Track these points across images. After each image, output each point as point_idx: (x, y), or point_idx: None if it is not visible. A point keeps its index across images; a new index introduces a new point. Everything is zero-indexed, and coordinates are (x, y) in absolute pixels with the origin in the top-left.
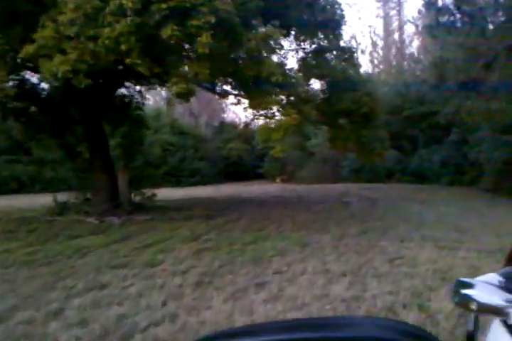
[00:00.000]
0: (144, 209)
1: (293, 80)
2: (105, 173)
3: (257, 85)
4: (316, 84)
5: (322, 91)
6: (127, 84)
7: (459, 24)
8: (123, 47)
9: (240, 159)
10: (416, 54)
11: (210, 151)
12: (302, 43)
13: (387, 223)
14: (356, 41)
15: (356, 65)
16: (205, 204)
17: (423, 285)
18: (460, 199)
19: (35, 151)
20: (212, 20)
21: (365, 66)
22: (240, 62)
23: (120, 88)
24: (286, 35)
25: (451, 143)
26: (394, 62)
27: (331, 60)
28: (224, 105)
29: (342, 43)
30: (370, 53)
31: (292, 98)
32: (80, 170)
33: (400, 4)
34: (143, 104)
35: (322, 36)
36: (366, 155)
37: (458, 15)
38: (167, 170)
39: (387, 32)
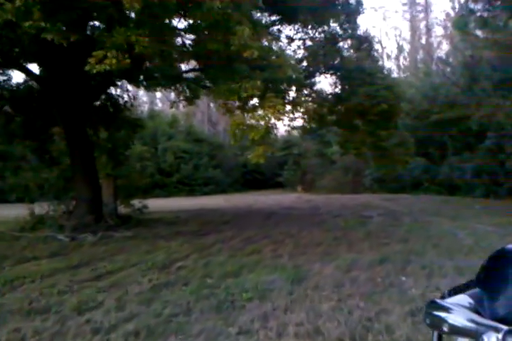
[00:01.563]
0: (132, 222)
1: (287, 64)
2: (87, 182)
3: (226, 65)
4: (327, 79)
5: (333, 85)
6: (119, 83)
7: (492, 13)
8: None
9: (259, 167)
10: (444, 57)
11: (227, 159)
12: (311, 31)
13: (411, 247)
14: (382, 45)
15: (373, 56)
16: (205, 218)
17: None
18: (498, 215)
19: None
20: None
21: (392, 71)
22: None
23: (108, 87)
24: (292, 21)
25: (486, 150)
26: (421, 66)
27: (344, 50)
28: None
29: (359, 32)
30: (397, 58)
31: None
32: (60, 179)
33: (427, 6)
34: (131, 104)
35: (335, 24)
36: (386, 161)
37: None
38: (179, 179)
39: (414, 35)
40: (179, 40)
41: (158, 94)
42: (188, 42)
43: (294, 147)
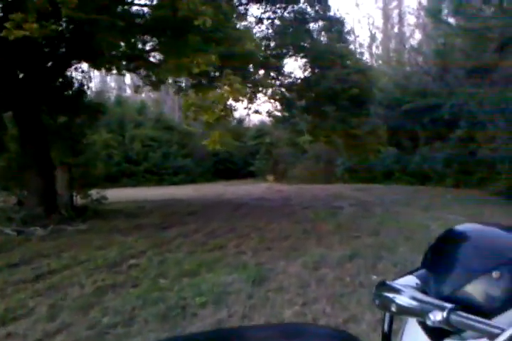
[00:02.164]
0: (88, 214)
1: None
2: (39, 171)
3: (176, 36)
4: (296, 63)
5: (303, 67)
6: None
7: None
8: None
9: (231, 156)
10: (417, 46)
11: (198, 148)
12: (279, 10)
13: (382, 241)
14: (354, 34)
15: (345, 39)
16: (170, 208)
17: None
18: (469, 205)
19: None
20: None
21: (363, 56)
22: None
23: (65, 69)
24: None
25: (457, 139)
26: (394, 54)
27: (314, 31)
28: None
29: (330, 14)
30: (369, 46)
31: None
32: (10, 167)
33: None
34: (87, 87)
35: (305, 4)
36: (357, 150)
37: None
38: (148, 168)
39: (387, 24)
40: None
41: (128, 80)
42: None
43: (266, 136)
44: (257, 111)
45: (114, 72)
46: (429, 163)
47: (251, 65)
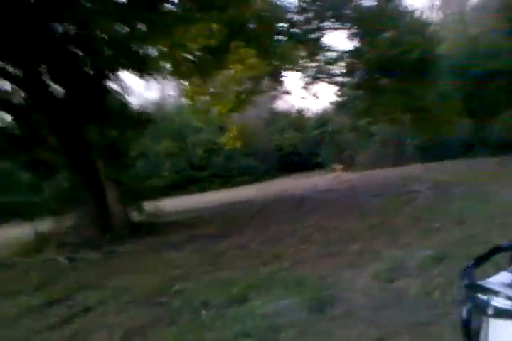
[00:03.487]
0: (143, 230)
1: None
2: (89, 191)
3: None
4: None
5: (348, 38)
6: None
7: None
8: None
9: (295, 149)
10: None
11: (261, 145)
12: None
13: (471, 231)
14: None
15: None
16: (229, 214)
17: None
18: None
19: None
20: None
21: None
22: None
23: (102, 80)
24: None
25: None
26: (455, 18)
27: None
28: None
29: None
30: (426, 16)
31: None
32: (60, 190)
33: None
34: (125, 96)
35: None
36: (426, 124)
37: None
38: (212, 172)
39: None
40: None
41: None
42: None
43: (328, 124)
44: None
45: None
46: None
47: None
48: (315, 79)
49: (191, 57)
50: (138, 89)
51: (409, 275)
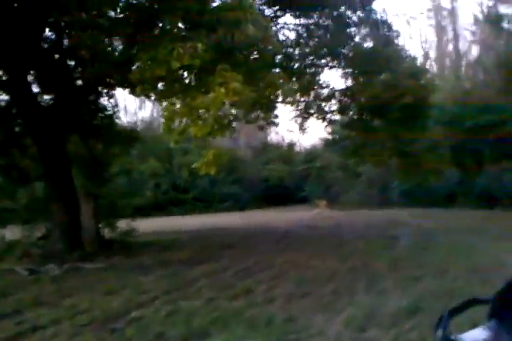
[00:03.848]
0: (114, 249)
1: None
2: (63, 203)
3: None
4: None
5: (344, 76)
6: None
7: None
8: None
9: (281, 182)
10: (476, 59)
11: (248, 174)
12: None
13: (452, 285)
14: (403, 39)
15: (393, 41)
16: (207, 240)
17: None
18: None
19: None
20: None
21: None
22: None
23: (90, 94)
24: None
25: None
26: (449, 71)
27: (356, 35)
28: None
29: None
30: (423, 64)
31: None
32: (34, 199)
33: (453, 11)
34: (114, 112)
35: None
36: (413, 171)
37: None
38: (195, 195)
39: (441, 41)
40: None
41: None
42: None
43: (317, 160)
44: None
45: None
46: (496, 185)
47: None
48: (306, 113)
49: (172, 76)
50: (131, 107)
51: (382, 325)
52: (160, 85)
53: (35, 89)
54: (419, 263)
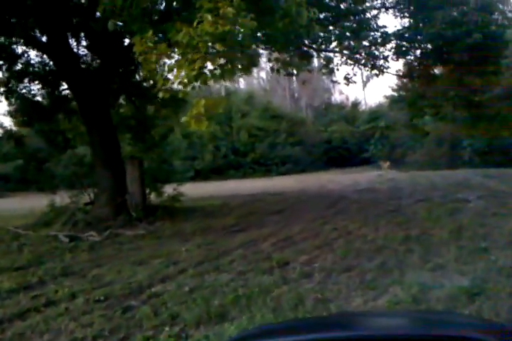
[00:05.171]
0: (159, 215)
1: None
2: (108, 168)
3: None
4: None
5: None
6: None
7: None
8: None
9: (344, 143)
10: None
11: (309, 135)
12: None
13: None
14: None
15: None
16: (256, 205)
17: None
18: None
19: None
20: None
21: None
22: None
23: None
24: None
25: None
26: None
27: None
28: (331, 85)
29: None
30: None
31: None
32: (80, 164)
33: None
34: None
35: None
36: (484, 125)
37: None
38: (254, 158)
39: None
40: None
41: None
42: None
43: (381, 119)
44: (347, 78)
45: None
46: None
47: None
48: (351, 59)
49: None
50: None
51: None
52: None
53: (82, 51)
54: (484, 233)
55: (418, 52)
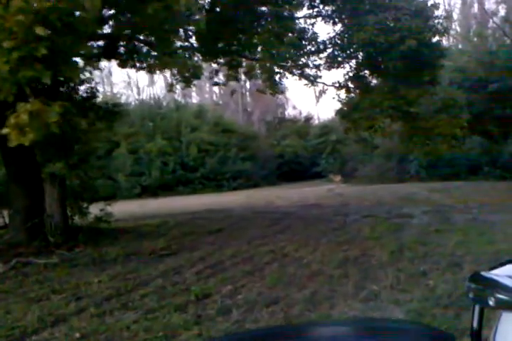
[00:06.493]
0: (80, 239)
1: None
2: (22, 187)
3: None
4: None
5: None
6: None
7: None
8: None
9: (297, 157)
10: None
11: (261, 150)
12: None
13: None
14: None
15: None
16: (195, 225)
17: None
18: None
19: None
20: None
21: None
22: None
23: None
24: None
25: None
26: (474, 33)
27: None
28: (284, 100)
29: None
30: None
31: None
32: None
33: None
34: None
35: None
36: (420, 138)
37: None
38: (204, 173)
39: (465, 4)
40: None
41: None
42: None
43: (332, 133)
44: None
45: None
46: None
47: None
48: (278, 66)
49: None
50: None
51: None
52: None
53: None
54: (425, 252)
55: (354, 62)
